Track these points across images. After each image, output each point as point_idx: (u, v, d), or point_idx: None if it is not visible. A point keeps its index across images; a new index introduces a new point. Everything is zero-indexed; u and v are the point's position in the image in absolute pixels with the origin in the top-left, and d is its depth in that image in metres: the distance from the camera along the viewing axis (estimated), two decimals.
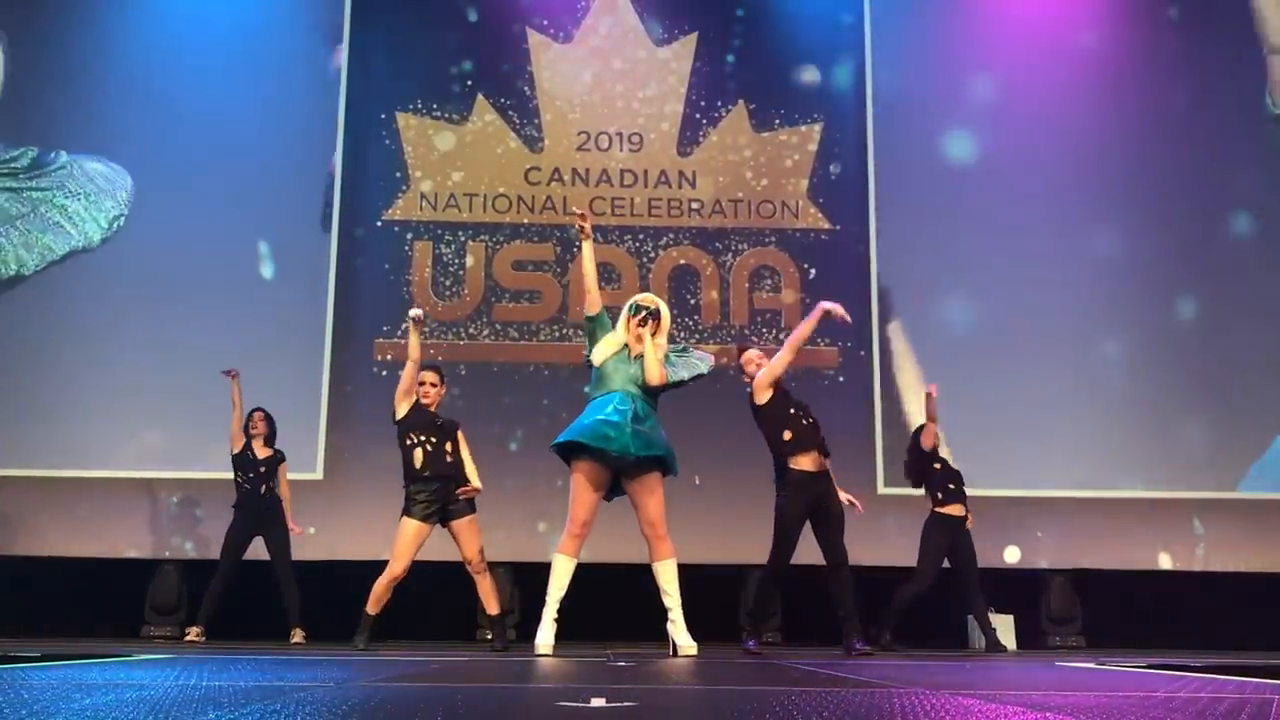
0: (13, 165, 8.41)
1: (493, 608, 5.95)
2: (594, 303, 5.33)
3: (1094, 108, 8.68)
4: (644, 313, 5.27)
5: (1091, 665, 4.82)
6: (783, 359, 5.50)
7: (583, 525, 5.18)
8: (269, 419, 7.17)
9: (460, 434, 5.98)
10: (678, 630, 5.16)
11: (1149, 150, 8.64)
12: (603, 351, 5.25)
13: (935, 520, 6.85)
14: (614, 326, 5.40)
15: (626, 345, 5.28)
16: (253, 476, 7.02)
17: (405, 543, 5.76)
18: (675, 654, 5.14)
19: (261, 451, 7.09)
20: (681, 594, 5.34)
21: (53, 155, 8.40)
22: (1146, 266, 8.51)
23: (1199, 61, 8.76)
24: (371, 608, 5.89)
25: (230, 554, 6.94)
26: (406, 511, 5.80)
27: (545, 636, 5.16)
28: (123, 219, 8.34)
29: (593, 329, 5.36)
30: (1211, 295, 8.46)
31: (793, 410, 5.48)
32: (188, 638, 6.83)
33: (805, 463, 5.41)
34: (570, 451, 5.21)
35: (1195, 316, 8.44)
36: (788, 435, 5.41)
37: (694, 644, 5.15)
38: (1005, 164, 8.60)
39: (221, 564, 6.93)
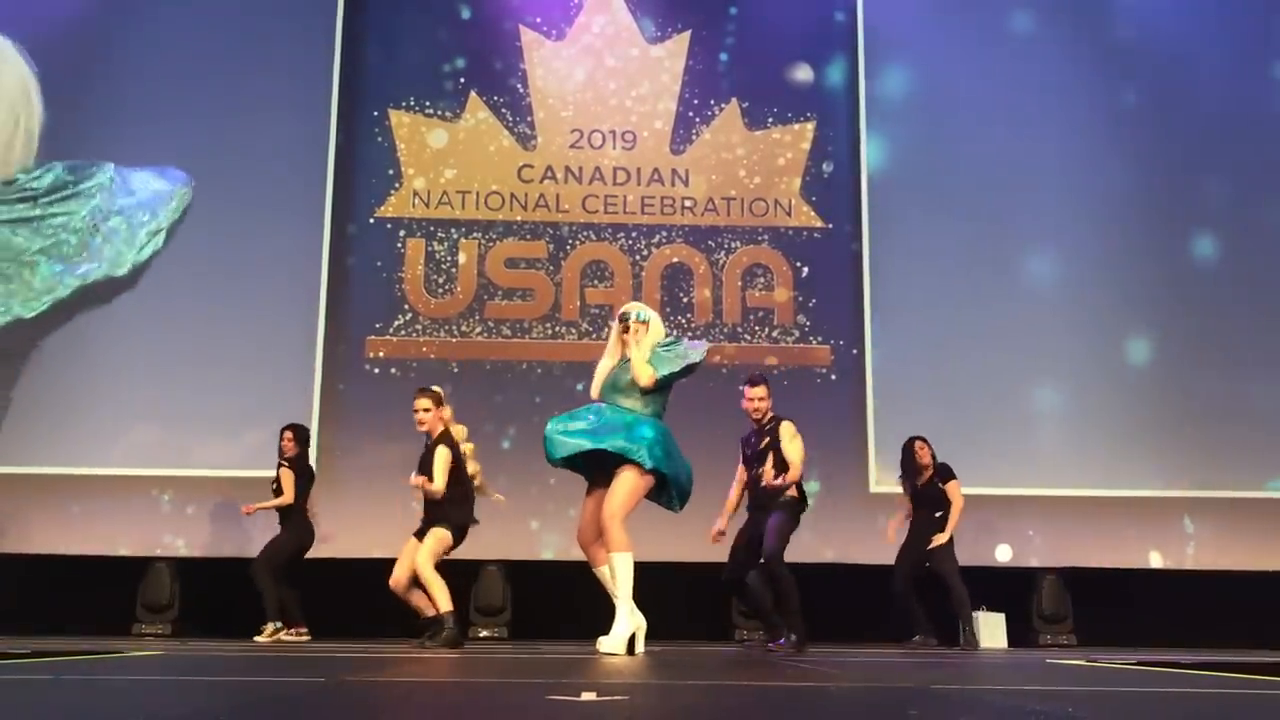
0: (31, 188, 8.20)
1: (428, 611, 5.91)
2: None
3: (1083, 107, 8.71)
4: (626, 320, 5.19)
5: (1082, 661, 4.83)
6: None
7: (584, 534, 5.12)
8: (296, 437, 7.12)
9: (436, 455, 5.98)
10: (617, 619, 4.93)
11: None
12: (594, 385, 5.17)
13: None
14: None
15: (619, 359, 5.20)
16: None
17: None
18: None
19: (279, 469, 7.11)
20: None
21: (93, 169, 8.22)
22: (1145, 260, 8.53)
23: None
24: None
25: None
26: None
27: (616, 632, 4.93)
28: (161, 236, 8.19)
29: None
30: (1206, 297, 8.49)
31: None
32: (284, 638, 6.76)
33: None
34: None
35: (1191, 318, 8.46)
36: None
37: (617, 641, 4.85)
38: (1000, 162, 8.60)
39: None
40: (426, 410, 6.02)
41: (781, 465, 5.94)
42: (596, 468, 5.01)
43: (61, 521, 7.82)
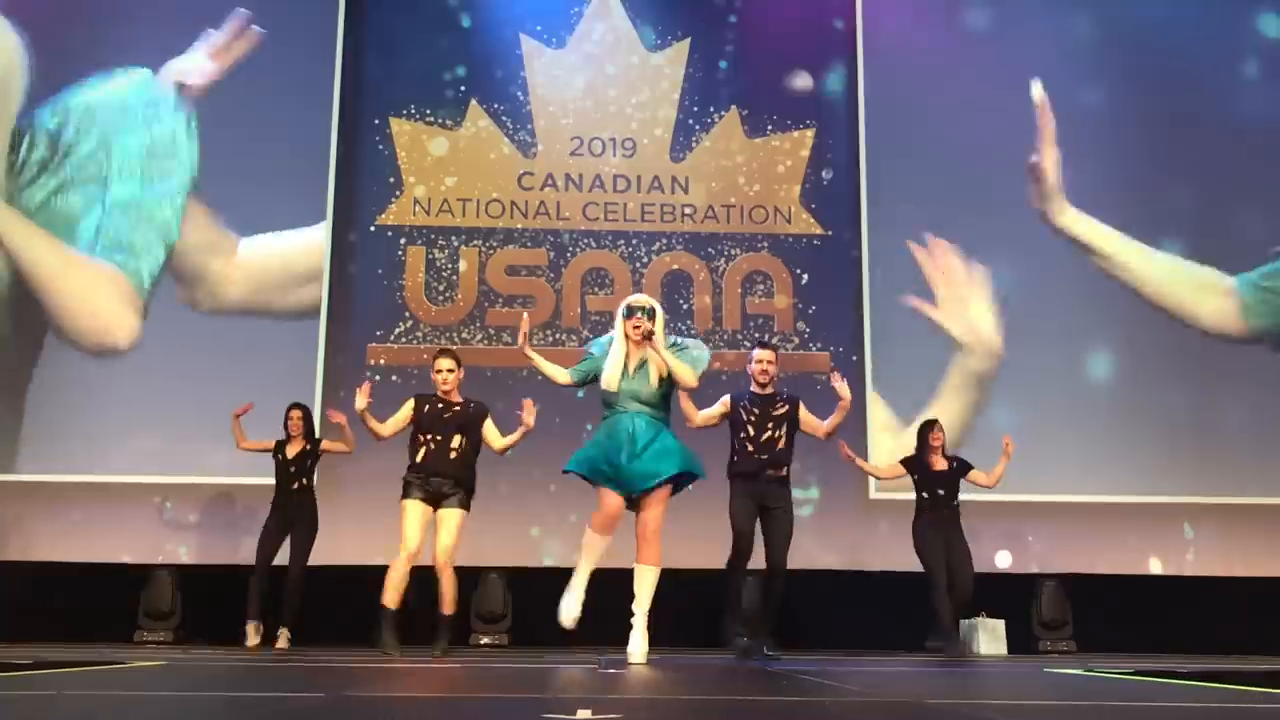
0: (39, 159, 8.30)
1: (446, 608, 5.86)
2: (559, 375, 5.30)
3: (1079, 115, 8.73)
4: (639, 313, 5.18)
5: (1079, 671, 4.84)
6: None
7: (612, 514, 5.03)
8: (306, 416, 7.16)
9: (487, 420, 6.03)
10: (633, 635, 5.01)
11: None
12: (613, 375, 5.10)
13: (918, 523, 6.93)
14: (600, 348, 5.30)
15: (625, 356, 5.19)
16: (282, 475, 7.03)
17: (408, 520, 5.79)
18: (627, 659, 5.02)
19: (293, 449, 7.07)
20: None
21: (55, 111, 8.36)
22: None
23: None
24: (387, 598, 5.69)
25: (263, 550, 6.93)
26: (404, 494, 5.87)
27: (568, 604, 5.02)
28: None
29: (584, 375, 5.29)
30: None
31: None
32: (248, 643, 6.73)
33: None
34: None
35: (1187, 324, 8.49)
36: None
37: (643, 650, 4.97)
38: (999, 170, 8.63)
39: (257, 562, 6.90)
40: (451, 371, 5.98)
41: (791, 438, 5.95)
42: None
43: (64, 529, 7.85)
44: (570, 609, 5.06)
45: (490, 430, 6.08)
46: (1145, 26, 8.91)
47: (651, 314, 5.17)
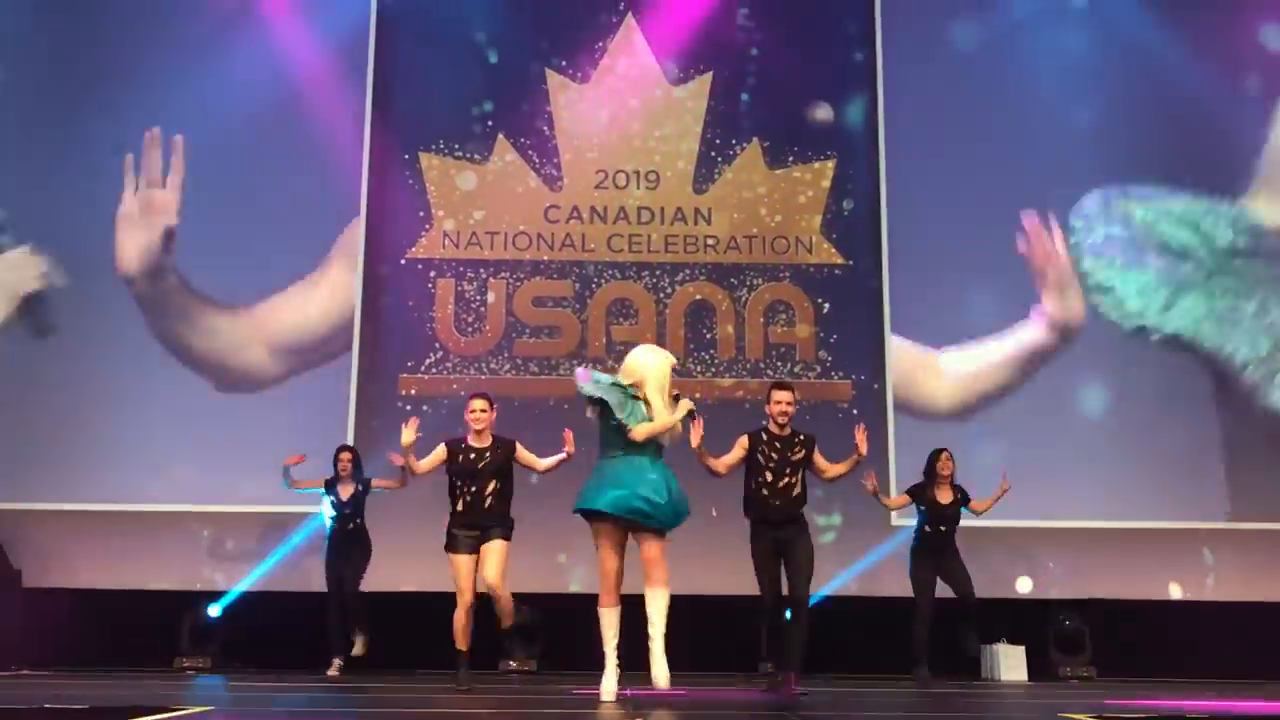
0: None
1: (506, 621, 6.10)
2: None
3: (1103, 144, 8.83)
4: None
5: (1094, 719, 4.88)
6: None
7: (616, 578, 5.24)
8: (355, 458, 7.43)
9: (517, 451, 6.19)
10: (654, 660, 5.08)
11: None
12: (642, 425, 5.15)
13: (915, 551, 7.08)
14: (626, 386, 5.37)
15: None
16: (337, 516, 7.31)
17: (459, 575, 5.97)
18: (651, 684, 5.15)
19: (345, 491, 7.31)
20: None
21: None
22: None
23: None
24: (459, 643, 5.97)
25: (332, 584, 7.29)
26: (450, 547, 6.03)
27: (608, 684, 5.15)
28: None
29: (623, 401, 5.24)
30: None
31: None
32: (330, 672, 7.08)
33: None
34: (589, 512, 5.23)
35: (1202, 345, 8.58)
36: None
37: (666, 675, 5.05)
38: (1018, 200, 8.74)
39: (328, 595, 7.25)
40: (484, 411, 6.14)
41: (805, 481, 6.03)
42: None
43: (105, 557, 8.08)
44: (610, 687, 5.15)
45: (525, 456, 6.21)
46: (1154, 47, 9.00)
47: None
